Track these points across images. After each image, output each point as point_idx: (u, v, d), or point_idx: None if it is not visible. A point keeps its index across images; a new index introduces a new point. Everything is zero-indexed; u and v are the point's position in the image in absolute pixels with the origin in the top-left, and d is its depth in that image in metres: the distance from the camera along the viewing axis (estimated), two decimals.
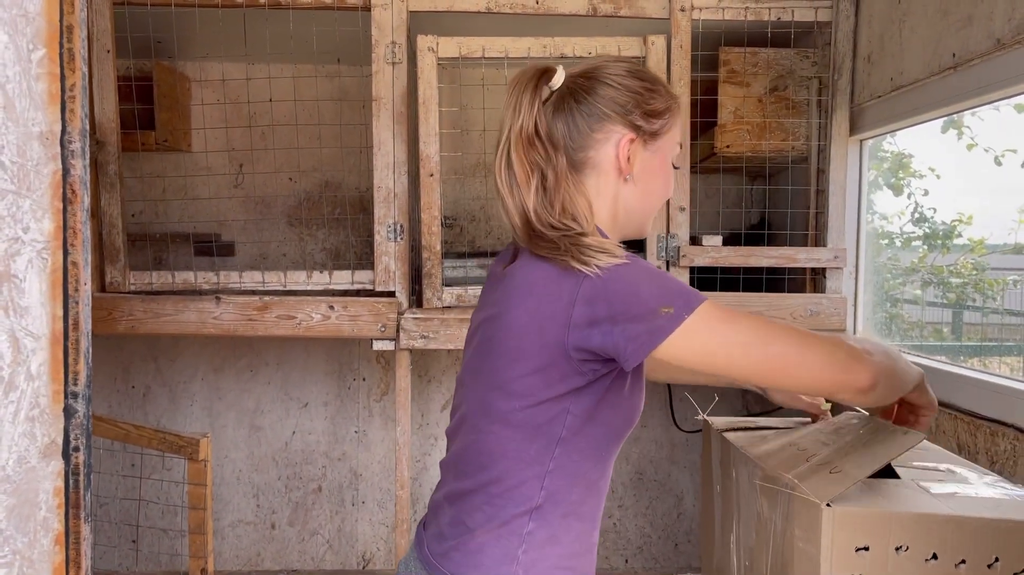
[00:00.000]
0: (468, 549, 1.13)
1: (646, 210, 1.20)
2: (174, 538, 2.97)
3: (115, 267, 2.33)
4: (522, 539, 1.11)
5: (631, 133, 1.14)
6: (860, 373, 1.03)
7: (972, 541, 1.01)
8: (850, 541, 1.01)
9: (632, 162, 1.15)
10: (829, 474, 1.08)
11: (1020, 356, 2.43)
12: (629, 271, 1.05)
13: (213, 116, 2.77)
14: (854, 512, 1.01)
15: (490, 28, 2.41)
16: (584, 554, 1.17)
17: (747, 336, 1.04)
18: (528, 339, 1.08)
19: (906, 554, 1.01)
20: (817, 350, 1.03)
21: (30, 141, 0.80)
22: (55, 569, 0.84)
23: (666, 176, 1.20)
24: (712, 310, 1.03)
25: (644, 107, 1.14)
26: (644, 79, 1.16)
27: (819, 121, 2.42)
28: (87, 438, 0.89)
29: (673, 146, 1.20)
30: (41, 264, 0.82)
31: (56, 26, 0.82)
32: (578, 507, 1.14)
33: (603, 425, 1.13)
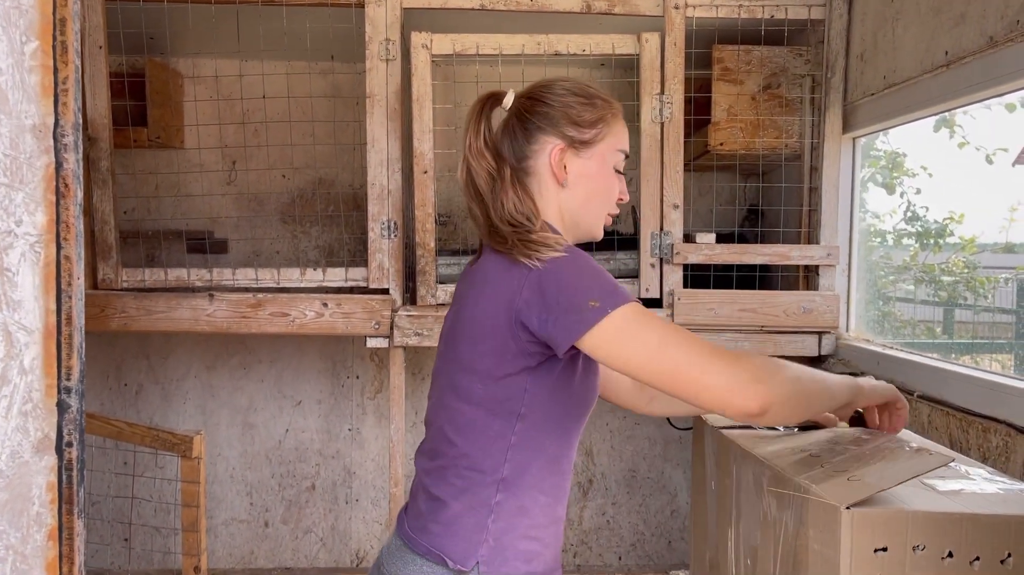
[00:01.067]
0: (442, 520, 1.23)
1: (589, 214, 1.31)
2: (167, 536, 2.97)
3: (107, 264, 2.33)
4: (491, 509, 1.22)
5: (561, 143, 1.27)
6: (751, 399, 1.06)
7: (985, 538, 1.02)
8: (869, 542, 1.02)
9: (567, 169, 1.27)
10: (847, 481, 1.08)
11: (1011, 353, 2.45)
12: (566, 265, 1.16)
13: (206, 113, 2.77)
14: (872, 513, 1.02)
15: (484, 25, 2.41)
16: (550, 526, 1.27)
17: (656, 341, 1.10)
18: (485, 322, 1.21)
19: (923, 553, 1.02)
20: (717, 368, 1.08)
21: (23, 134, 0.80)
22: (48, 564, 0.84)
23: (606, 182, 1.30)
24: (632, 312, 1.11)
25: (574, 118, 1.27)
26: (576, 93, 1.29)
27: (812, 119, 2.43)
28: (80, 434, 0.89)
29: (612, 153, 1.30)
30: (34, 258, 0.81)
31: (49, 18, 0.81)
32: (541, 480, 1.25)
33: (560, 404, 1.23)
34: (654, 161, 2.32)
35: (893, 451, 1.20)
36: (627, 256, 2.42)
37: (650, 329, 1.11)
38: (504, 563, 1.21)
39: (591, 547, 3.12)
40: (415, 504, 1.30)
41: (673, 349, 1.09)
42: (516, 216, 1.24)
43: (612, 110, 1.31)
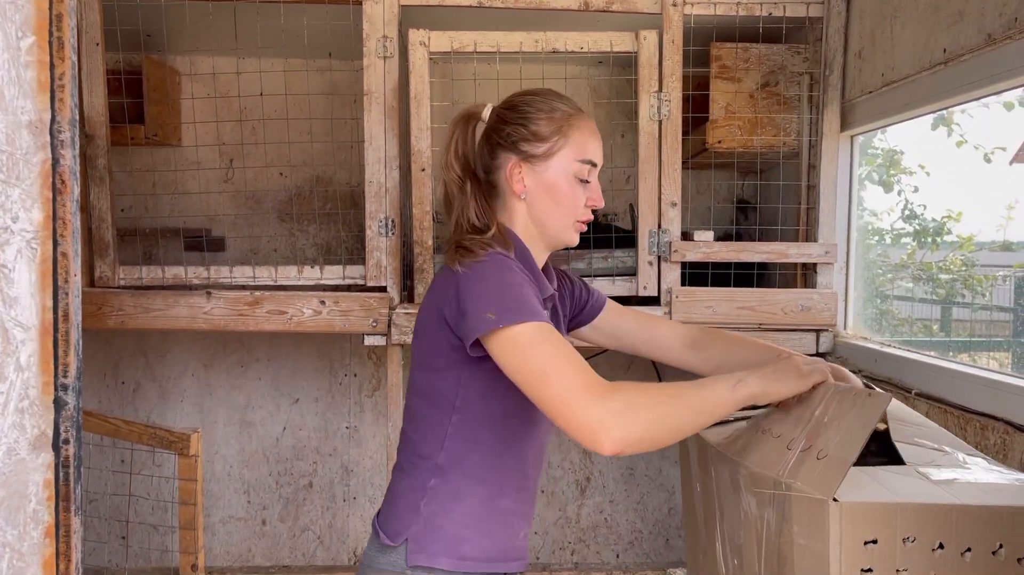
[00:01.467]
0: (388, 502, 1.38)
1: (553, 224, 1.38)
2: (164, 534, 2.96)
3: (104, 262, 2.32)
4: (425, 492, 1.32)
5: (516, 158, 1.36)
6: (605, 442, 1.09)
7: (977, 529, 1.01)
8: (859, 535, 1.01)
9: (525, 183, 1.36)
10: (817, 460, 1.07)
11: (1008, 351, 2.45)
12: (481, 273, 1.25)
13: (203, 110, 2.76)
14: (861, 505, 1.01)
15: (482, 22, 2.41)
16: (489, 518, 1.33)
17: (537, 369, 1.15)
18: (426, 319, 1.34)
19: (913, 545, 1.01)
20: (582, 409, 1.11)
21: (19, 130, 0.80)
22: (45, 562, 0.84)
23: (569, 191, 1.36)
24: (527, 332, 1.17)
25: (530, 133, 1.35)
26: (537, 107, 1.36)
27: (810, 117, 2.43)
28: (77, 431, 0.88)
29: (570, 163, 1.36)
30: (30, 254, 0.81)
31: (45, 14, 0.81)
32: (479, 471, 1.32)
33: (497, 401, 1.30)
34: (652, 159, 2.32)
35: (840, 402, 1.17)
36: (625, 254, 2.42)
37: (536, 355, 1.15)
38: (431, 543, 1.29)
39: (589, 545, 3.12)
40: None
41: (552, 385, 1.13)
42: (476, 224, 1.35)
43: (571, 122, 1.36)
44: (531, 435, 1.37)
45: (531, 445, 1.38)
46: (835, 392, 1.21)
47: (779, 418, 1.25)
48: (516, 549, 1.38)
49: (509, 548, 1.37)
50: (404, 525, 1.32)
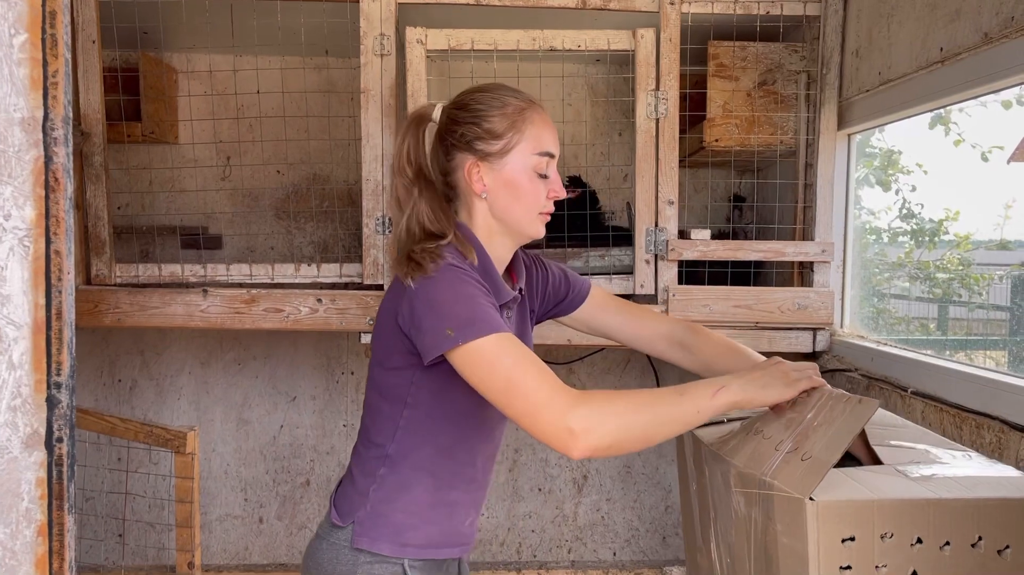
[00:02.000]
0: (343, 484, 1.43)
1: (517, 219, 1.38)
2: (161, 532, 2.96)
3: (101, 259, 2.32)
4: (374, 480, 1.37)
5: (473, 157, 1.36)
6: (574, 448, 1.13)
7: (954, 522, 1.02)
8: (836, 532, 1.01)
9: (484, 182, 1.37)
10: (801, 461, 1.08)
11: (1005, 350, 2.45)
12: (432, 289, 1.25)
13: (200, 108, 2.76)
14: (837, 503, 1.01)
15: (479, 20, 2.40)
16: (434, 508, 1.37)
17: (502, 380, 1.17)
18: (383, 319, 1.36)
19: (891, 541, 1.01)
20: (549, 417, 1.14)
21: (11, 127, 0.79)
22: (38, 561, 0.84)
23: (530, 186, 1.37)
24: (486, 348, 1.18)
25: (483, 132, 1.35)
26: (489, 104, 1.36)
27: (807, 115, 2.43)
28: (71, 429, 0.88)
29: (528, 157, 1.36)
30: (23, 252, 0.81)
31: (39, 11, 0.81)
32: (428, 464, 1.36)
33: (449, 401, 1.34)
34: (649, 157, 2.32)
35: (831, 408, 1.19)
36: (622, 252, 2.42)
37: (499, 368, 1.17)
38: (374, 528, 1.35)
39: (585, 543, 3.13)
40: None
41: (518, 396, 1.16)
42: (431, 230, 1.35)
43: (524, 115, 1.36)
44: (483, 432, 1.40)
45: (483, 441, 1.41)
46: (828, 397, 1.22)
47: (772, 420, 1.26)
48: (460, 535, 1.42)
49: (453, 535, 1.41)
50: (352, 508, 1.37)
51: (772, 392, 1.23)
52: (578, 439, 1.12)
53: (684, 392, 1.19)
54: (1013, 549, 1.03)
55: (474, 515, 1.45)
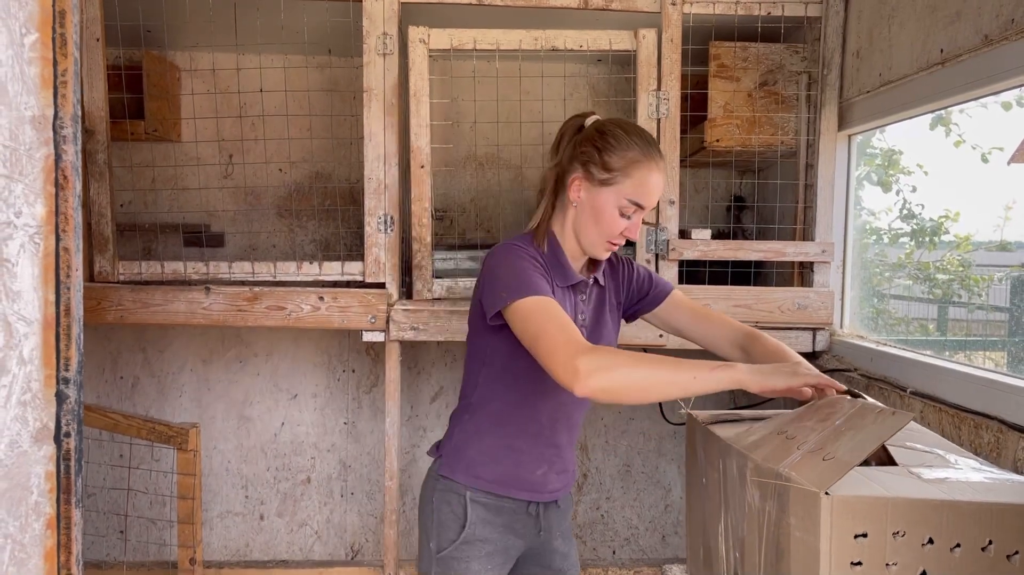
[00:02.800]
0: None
1: (587, 236, 1.60)
2: (162, 528, 2.97)
3: (104, 257, 2.33)
4: (459, 423, 1.69)
5: (583, 174, 1.58)
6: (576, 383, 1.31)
7: (966, 525, 1.03)
8: (849, 528, 1.02)
9: (580, 195, 1.59)
10: (823, 461, 1.09)
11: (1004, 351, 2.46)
12: (498, 256, 1.56)
13: (203, 106, 2.77)
14: (852, 499, 1.02)
15: (481, 20, 2.41)
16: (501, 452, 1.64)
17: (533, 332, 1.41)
18: (475, 292, 1.64)
19: (903, 539, 1.02)
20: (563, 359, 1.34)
21: (22, 125, 0.80)
22: (47, 553, 0.85)
23: (609, 218, 1.57)
24: (525, 305, 1.44)
25: (602, 160, 1.56)
26: (615, 138, 1.57)
27: (808, 116, 2.44)
28: (78, 424, 0.89)
29: (619, 198, 1.56)
30: (33, 249, 0.82)
31: (49, 11, 0.82)
32: (499, 415, 1.64)
33: (516, 362, 1.58)
34: None
35: (861, 416, 1.21)
36: (622, 251, 2.42)
37: (531, 322, 1.42)
38: (456, 462, 1.65)
39: (585, 541, 3.14)
40: None
41: (542, 341, 1.38)
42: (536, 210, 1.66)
43: (638, 166, 1.55)
44: (543, 393, 1.63)
45: (544, 401, 1.64)
46: (860, 407, 1.24)
47: (798, 424, 1.28)
48: (528, 482, 1.66)
49: (519, 479, 1.65)
50: (443, 444, 1.70)
51: (777, 379, 1.34)
52: (580, 377, 1.30)
53: (685, 362, 1.34)
54: (1022, 554, 1.04)
55: (546, 468, 1.67)
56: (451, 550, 1.63)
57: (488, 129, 2.70)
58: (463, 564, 1.63)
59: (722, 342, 1.72)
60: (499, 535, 1.65)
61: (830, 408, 1.29)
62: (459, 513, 1.64)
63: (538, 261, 1.56)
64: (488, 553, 1.64)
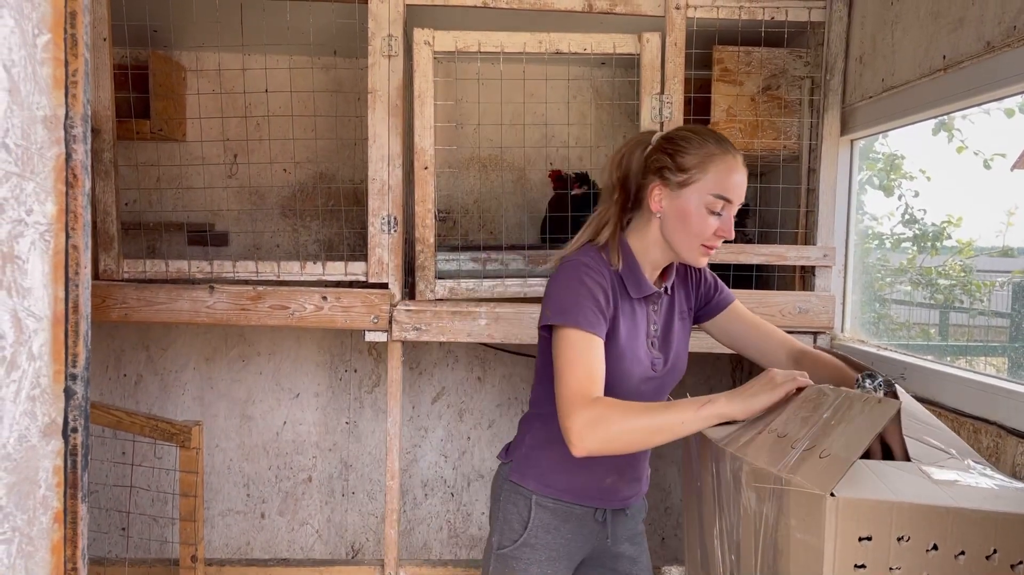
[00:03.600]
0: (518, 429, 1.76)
1: (679, 243, 1.56)
2: (164, 526, 2.98)
3: (109, 255, 2.34)
4: (531, 431, 1.69)
5: (660, 182, 1.56)
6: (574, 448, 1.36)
7: (972, 532, 1.02)
8: (853, 530, 1.02)
9: (662, 204, 1.56)
10: (820, 459, 1.09)
11: (1005, 357, 2.46)
12: (557, 275, 1.56)
13: (208, 106, 2.78)
14: (858, 501, 1.02)
15: (486, 23, 2.42)
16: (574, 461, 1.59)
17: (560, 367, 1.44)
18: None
19: (907, 544, 1.02)
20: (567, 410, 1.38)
21: (34, 124, 0.81)
22: (54, 546, 0.86)
23: (698, 217, 1.53)
24: (563, 336, 1.46)
25: (675, 163, 1.54)
26: (686, 141, 1.55)
27: (811, 120, 2.44)
28: (85, 420, 0.90)
29: (703, 195, 1.52)
30: (44, 246, 0.83)
31: (61, 11, 0.83)
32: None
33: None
34: None
35: (848, 407, 1.20)
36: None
37: (563, 355, 1.44)
38: (525, 469, 1.67)
39: None
40: None
41: (558, 385, 1.42)
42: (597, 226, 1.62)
43: (714, 159, 1.53)
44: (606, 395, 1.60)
45: None
46: (846, 397, 1.23)
47: (786, 420, 1.27)
48: (597, 490, 1.66)
49: (588, 488, 1.65)
50: (513, 449, 1.71)
51: (760, 399, 1.34)
52: (574, 440, 1.36)
53: (673, 406, 1.36)
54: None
55: (616, 477, 1.67)
56: (511, 549, 1.66)
57: (492, 131, 2.71)
58: (522, 565, 1.65)
59: (781, 355, 1.71)
60: (562, 542, 1.67)
61: (816, 400, 1.28)
62: (524, 515, 1.66)
63: (603, 283, 1.54)
64: (549, 558, 1.66)
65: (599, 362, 1.45)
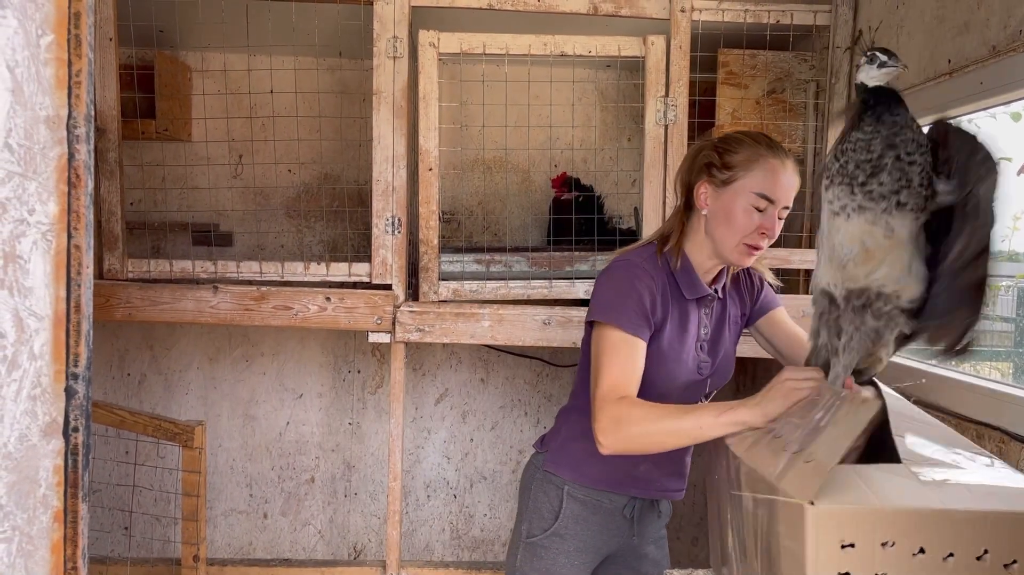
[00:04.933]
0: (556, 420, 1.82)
1: (722, 241, 1.58)
2: (167, 525, 2.99)
3: (113, 254, 2.35)
4: (567, 422, 1.74)
5: (707, 179, 1.59)
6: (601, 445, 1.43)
7: (960, 534, 0.99)
8: (835, 538, 1.00)
9: (707, 202, 1.59)
10: (804, 464, 1.07)
11: (1010, 362, 2.46)
12: (612, 271, 1.61)
13: (214, 106, 2.79)
14: (838, 510, 1.00)
15: (491, 24, 2.42)
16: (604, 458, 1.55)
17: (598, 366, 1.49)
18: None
19: (893, 549, 1.00)
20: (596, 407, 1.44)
21: (37, 125, 0.82)
22: (54, 546, 0.86)
23: (740, 216, 1.55)
24: (606, 333, 1.51)
25: (721, 160, 1.57)
26: (736, 141, 1.59)
27: (815, 124, 2.44)
28: (86, 419, 0.90)
29: (745, 194, 1.55)
30: (45, 246, 0.83)
31: (65, 12, 0.83)
32: None
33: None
34: (657, 163, 2.34)
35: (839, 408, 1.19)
36: None
37: (602, 354, 1.49)
38: (559, 458, 1.71)
39: None
40: None
41: (597, 377, 1.47)
42: (664, 233, 1.67)
43: (760, 159, 1.55)
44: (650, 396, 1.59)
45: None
46: (837, 397, 1.23)
47: (786, 420, 1.27)
48: (631, 478, 1.68)
49: (622, 476, 1.68)
50: (550, 439, 1.76)
51: (774, 405, 1.34)
52: (599, 437, 1.42)
53: (694, 410, 1.40)
54: (1021, 563, 1.00)
55: (649, 464, 1.69)
56: (540, 538, 1.69)
57: (496, 133, 2.71)
58: (550, 554, 1.68)
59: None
60: (590, 535, 1.69)
61: (813, 400, 1.27)
62: (555, 504, 1.69)
63: (652, 285, 1.56)
64: (577, 549, 1.68)
65: (636, 363, 1.49)
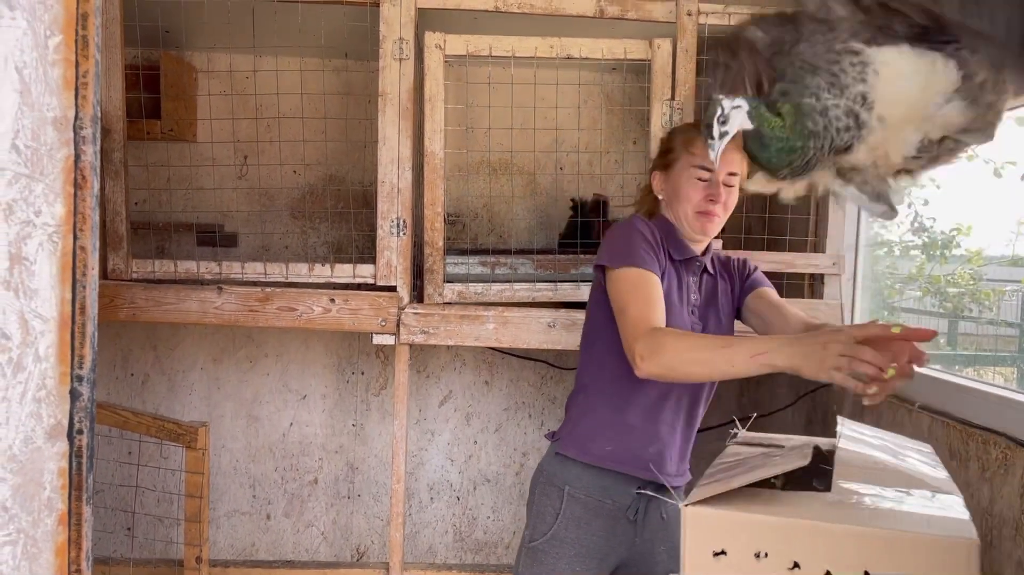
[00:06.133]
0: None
1: (679, 214, 1.72)
2: (169, 526, 2.99)
3: (118, 254, 2.34)
4: (575, 403, 1.78)
5: (658, 169, 1.79)
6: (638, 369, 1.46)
7: (836, 551, 0.96)
8: (707, 544, 0.98)
9: (661, 185, 1.77)
10: (716, 483, 1.05)
11: (1014, 367, 2.45)
12: (610, 232, 1.71)
13: (219, 107, 2.78)
14: (709, 514, 0.98)
15: (498, 27, 2.42)
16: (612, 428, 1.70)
17: (618, 304, 1.57)
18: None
19: (766, 561, 0.97)
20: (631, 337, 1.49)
21: (44, 126, 0.81)
22: (58, 548, 0.86)
23: (688, 186, 1.69)
24: (620, 275, 1.59)
25: (663, 147, 1.80)
26: (671, 131, 1.89)
27: None
28: (91, 421, 0.90)
29: (688, 168, 1.69)
30: (51, 248, 0.83)
31: (73, 13, 0.83)
32: (609, 388, 1.71)
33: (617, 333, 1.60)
34: None
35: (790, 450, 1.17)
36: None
37: (622, 292, 1.57)
38: (570, 441, 1.73)
39: None
40: None
41: (621, 318, 1.54)
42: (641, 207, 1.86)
43: (692, 139, 1.69)
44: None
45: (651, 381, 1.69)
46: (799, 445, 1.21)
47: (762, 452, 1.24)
48: (638, 458, 1.69)
49: (629, 454, 1.69)
50: (561, 428, 1.80)
51: (807, 366, 1.31)
52: (637, 361, 1.45)
53: (730, 344, 1.43)
54: None
55: (659, 446, 1.70)
56: (541, 542, 1.69)
57: (502, 135, 2.71)
58: (551, 560, 1.68)
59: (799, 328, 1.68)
60: (592, 539, 1.69)
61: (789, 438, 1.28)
62: (556, 506, 1.70)
63: (649, 240, 1.65)
64: (578, 554, 1.68)
65: (659, 294, 1.55)
